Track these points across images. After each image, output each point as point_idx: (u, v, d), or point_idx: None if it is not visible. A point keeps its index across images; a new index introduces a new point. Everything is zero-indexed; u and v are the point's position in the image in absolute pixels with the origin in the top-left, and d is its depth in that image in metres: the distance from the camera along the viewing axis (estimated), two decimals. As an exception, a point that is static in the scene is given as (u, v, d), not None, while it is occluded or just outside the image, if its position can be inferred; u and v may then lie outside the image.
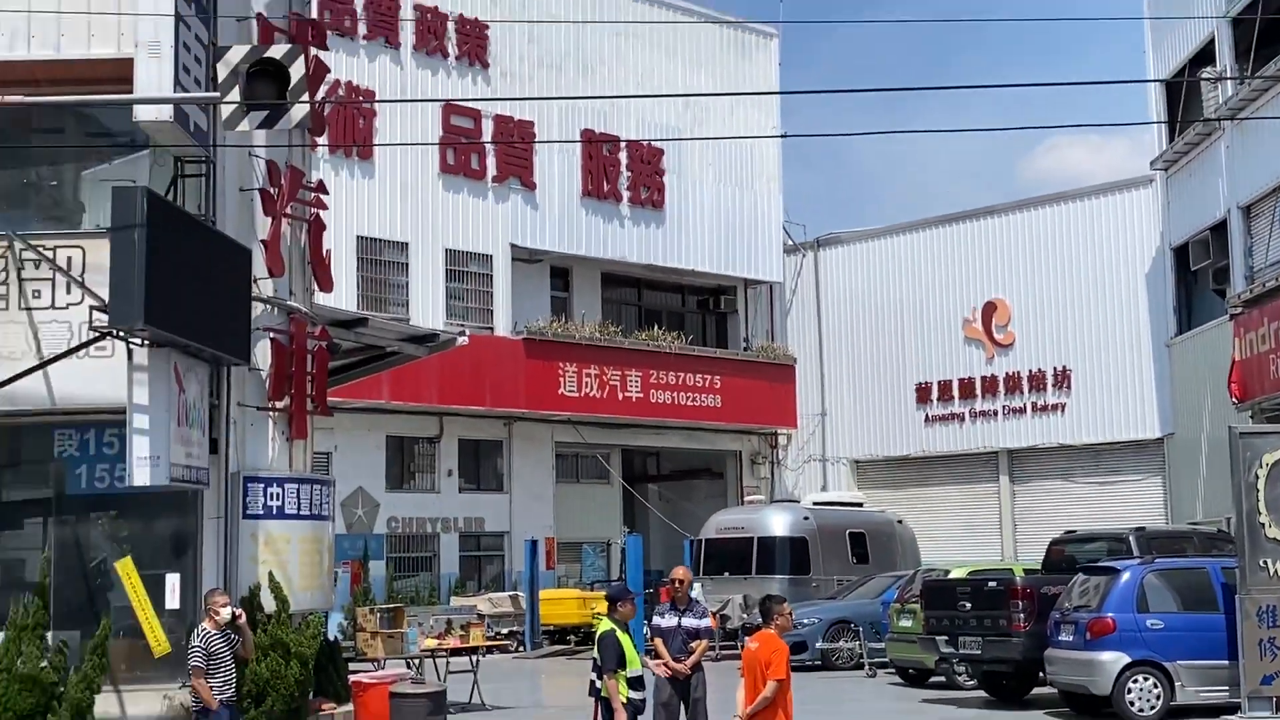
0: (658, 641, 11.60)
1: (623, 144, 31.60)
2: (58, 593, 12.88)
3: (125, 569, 12.16)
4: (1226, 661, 14.83)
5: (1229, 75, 27.10)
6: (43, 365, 12.41)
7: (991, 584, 18.54)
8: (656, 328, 33.16)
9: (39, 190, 14.33)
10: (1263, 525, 14.56)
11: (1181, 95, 30.21)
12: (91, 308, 11.70)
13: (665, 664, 11.40)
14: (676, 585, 12.08)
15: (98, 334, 11.66)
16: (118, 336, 11.22)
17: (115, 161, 13.55)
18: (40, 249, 12.52)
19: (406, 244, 28.53)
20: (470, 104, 29.40)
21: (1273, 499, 14.59)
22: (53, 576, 12.88)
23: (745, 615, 21.27)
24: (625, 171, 31.58)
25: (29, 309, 12.61)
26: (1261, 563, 14.58)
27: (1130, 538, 18.98)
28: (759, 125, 33.63)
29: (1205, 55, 28.18)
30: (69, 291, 12.49)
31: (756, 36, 35.12)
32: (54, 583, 12.87)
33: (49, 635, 12.18)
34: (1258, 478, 14.62)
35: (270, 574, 13.68)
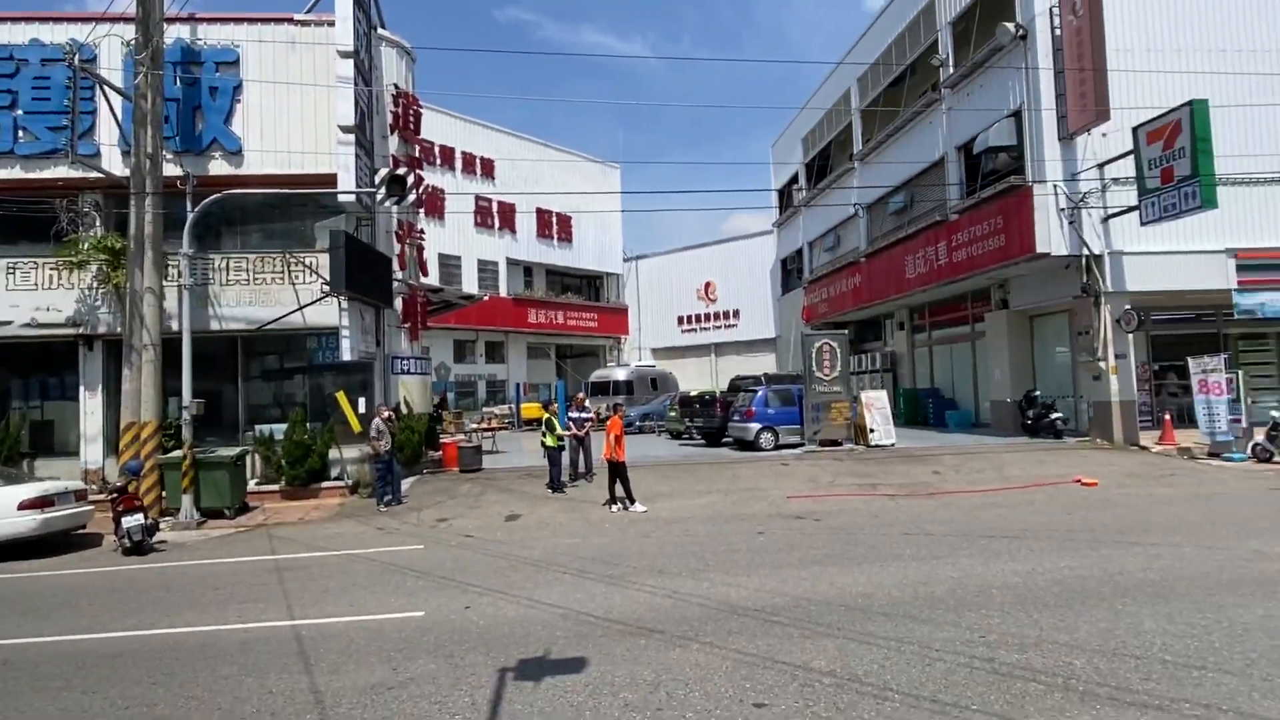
0: (571, 423, 14.36)
1: (554, 214, 35.83)
2: (310, 407, 15.25)
3: (341, 397, 14.46)
4: (799, 425, 17.77)
5: (803, 188, 31.63)
6: (301, 309, 14.45)
7: (707, 396, 21.66)
8: (570, 292, 37.59)
9: (299, 231, 15.53)
10: (813, 371, 17.39)
11: (785, 195, 34.41)
12: (322, 283, 14.09)
13: (573, 432, 14.24)
14: (578, 400, 15.05)
15: (324, 294, 13.92)
16: (334, 295, 13.64)
17: (329, 219, 15.13)
18: (300, 257, 14.97)
19: (460, 256, 32.32)
20: (487, 195, 32.97)
21: (817, 362, 17.37)
22: (308, 400, 15.41)
23: (609, 410, 19.35)
24: (555, 225, 36.06)
25: (293, 284, 14.89)
26: (814, 387, 17.46)
27: (762, 377, 22.32)
28: (610, 205, 37.71)
29: (795, 177, 32.67)
30: (311, 277, 14.82)
31: (608, 167, 39.13)
32: (308, 403, 15.33)
33: (307, 424, 14.68)
34: (811, 353, 17.47)
35: (404, 397, 16.62)
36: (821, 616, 6.06)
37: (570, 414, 14.86)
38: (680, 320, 41.67)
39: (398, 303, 17.15)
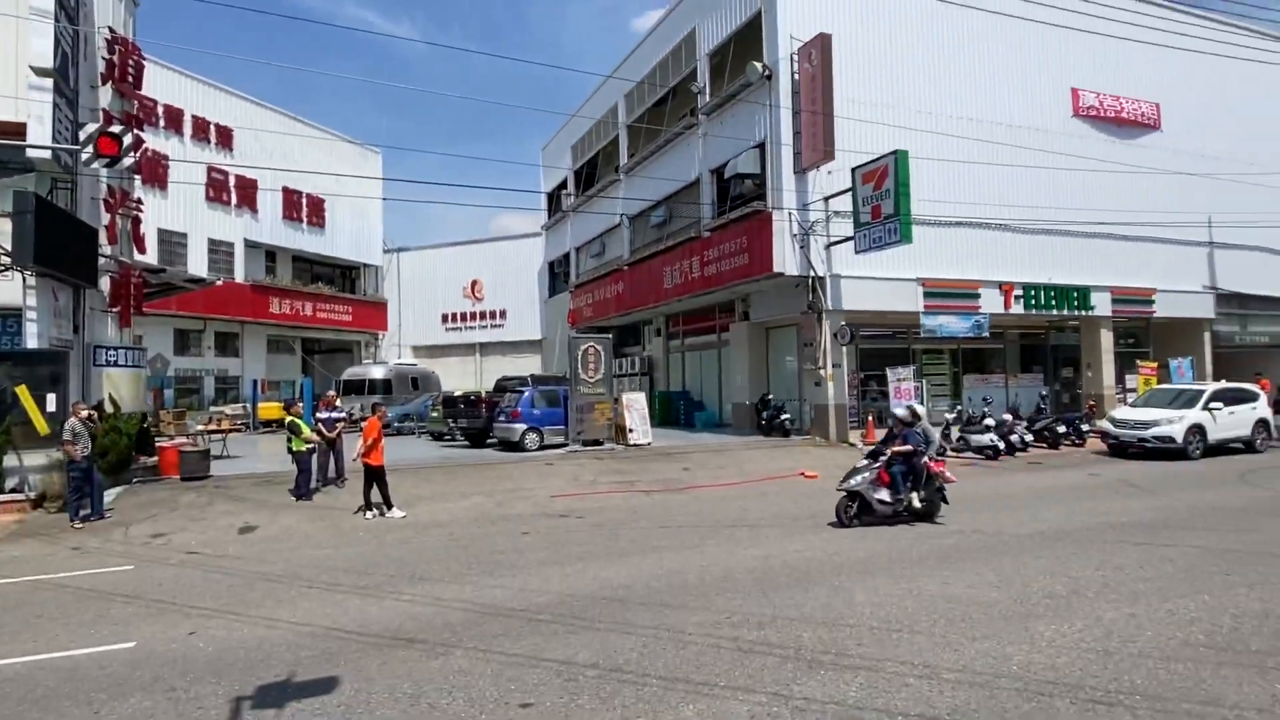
0: (320, 424, 13.24)
1: (305, 195, 32.78)
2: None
3: (22, 391, 12.86)
4: (564, 426, 17.90)
5: (572, 194, 32.09)
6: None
7: (472, 397, 21.09)
8: (321, 282, 34.57)
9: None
10: (579, 373, 17.69)
11: (554, 199, 34.70)
12: (2, 253, 11.98)
13: (322, 435, 13.13)
14: (328, 399, 13.86)
15: (4, 267, 12.11)
16: (16, 269, 11.84)
17: (13, 178, 12.96)
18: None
19: (186, 233, 28.73)
20: (223, 166, 29.68)
21: (583, 364, 17.66)
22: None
23: (366, 412, 19.48)
24: (306, 207, 33.05)
25: (-43, 254, 12.08)
26: (579, 388, 17.74)
27: (529, 378, 22.68)
28: (370, 191, 35.42)
29: (565, 183, 32.85)
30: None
31: (368, 150, 36.85)
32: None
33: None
34: (577, 356, 17.71)
35: (110, 394, 14.62)
36: (585, 611, 6.20)
37: (319, 414, 13.79)
38: (445, 318, 40.38)
39: (104, 283, 15.02)
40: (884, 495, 9.79)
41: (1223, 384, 18.80)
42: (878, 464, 9.97)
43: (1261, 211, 24.32)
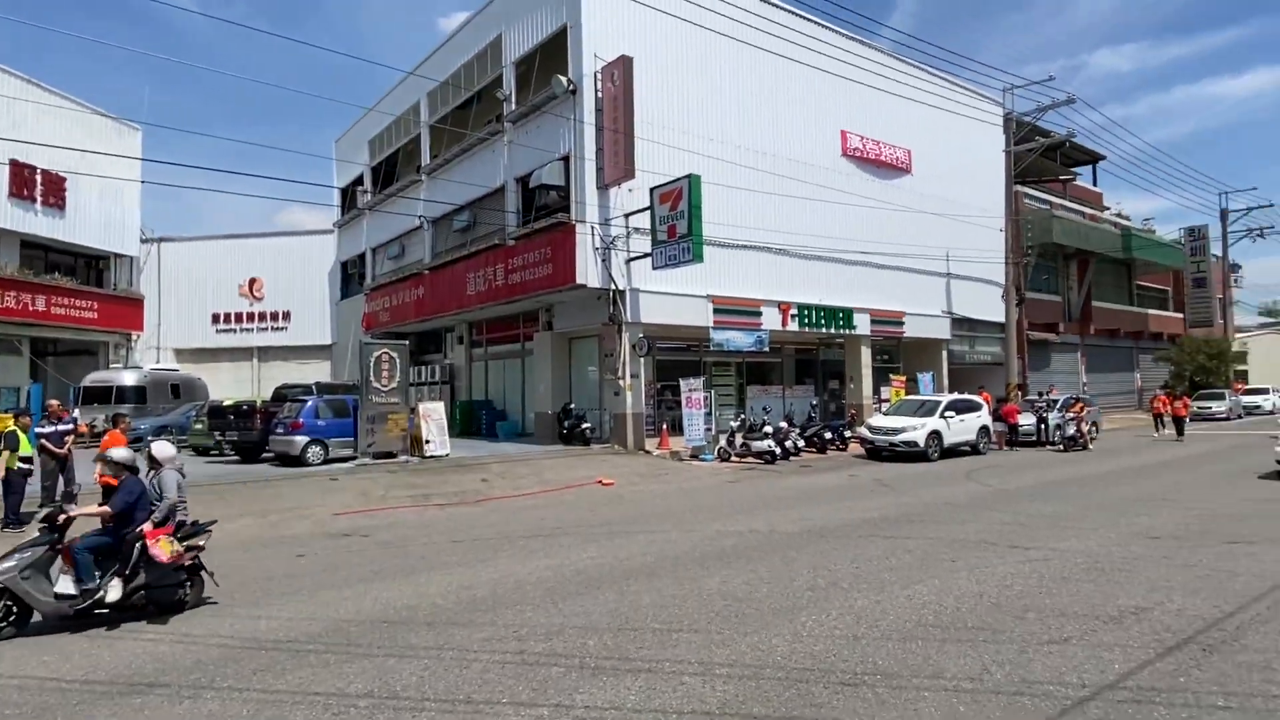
0: (43, 441, 11.52)
1: (39, 170, 28.09)
2: None
3: None
4: (354, 438, 17.26)
5: (369, 192, 30.97)
6: None
7: (245, 406, 19.60)
8: (59, 273, 29.64)
9: None
10: (371, 381, 16.97)
11: (349, 196, 33.26)
12: None
13: (47, 451, 11.50)
14: (54, 409, 12.26)
15: None
16: None
17: None
18: None
19: None
20: None
21: (376, 371, 17.05)
22: None
23: (108, 423, 17.02)
24: (41, 185, 28.29)
25: None
26: (371, 397, 17.05)
27: (313, 386, 21.65)
28: (126, 172, 30.40)
29: (361, 179, 31.73)
30: None
31: (126, 126, 32.15)
32: None
33: None
34: (370, 362, 17.08)
35: None
36: (362, 637, 5.81)
37: (40, 428, 11.87)
38: (216, 318, 36.79)
39: None
40: (65, 586, 6.23)
41: (955, 395, 21.85)
42: (55, 536, 6.40)
43: (986, 249, 28.67)
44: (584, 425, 20.52)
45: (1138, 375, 42.12)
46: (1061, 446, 21.05)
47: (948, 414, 19.88)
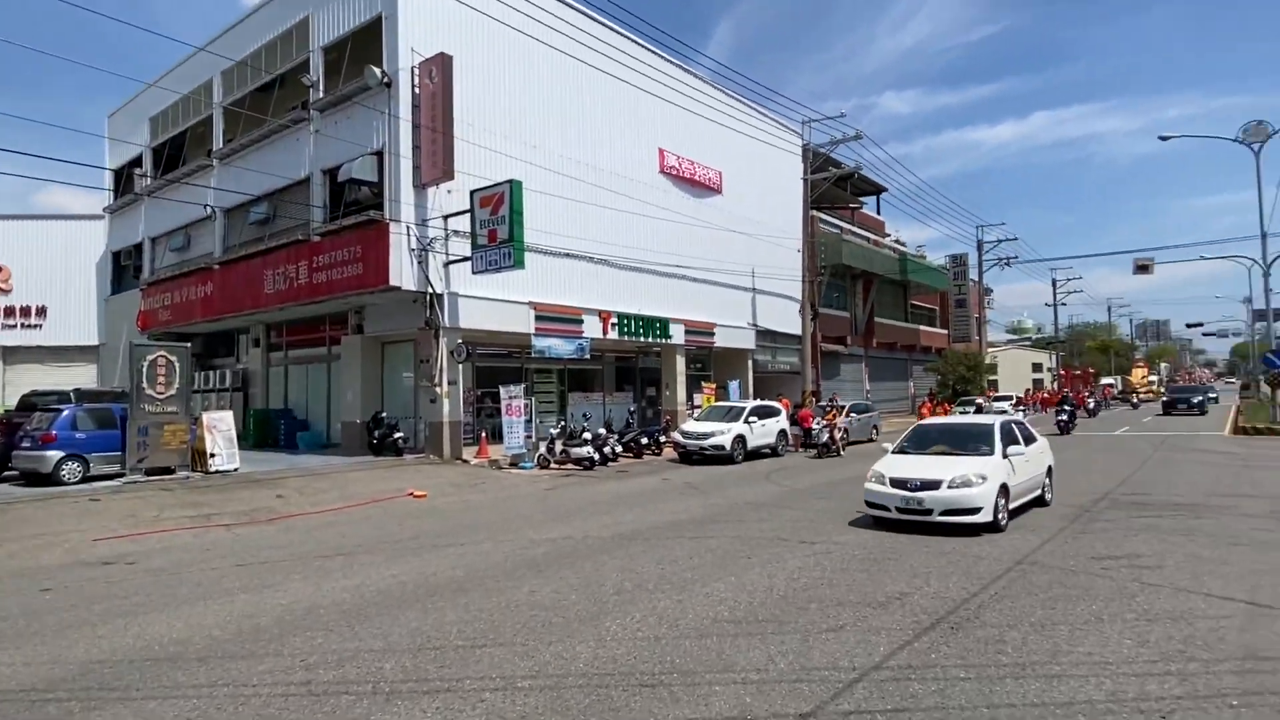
0: None
1: None
2: None
3: None
4: (121, 452, 15.55)
5: (148, 175, 28.07)
6: None
7: None
8: None
9: None
10: (144, 388, 15.41)
11: (124, 178, 29.67)
12: None
13: None
14: None
15: None
16: None
17: None
18: None
19: None
20: None
21: (149, 377, 15.54)
22: None
23: None
24: None
25: None
26: (143, 406, 15.24)
27: (71, 394, 19.66)
28: None
29: (139, 160, 28.58)
30: None
31: None
32: None
33: None
34: (143, 367, 15.62)
35: None
36: (118, 679, 5.13)
37: None
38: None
39: None
40: None
41: (757, 402, 23.36)
42: None
43: (786, 267, 31.00)
44: (396, 435, 19.60)
45: (911, 384, 47.48)
46: (815, 452, 21.18)
47: (751, 419, 21.20)
